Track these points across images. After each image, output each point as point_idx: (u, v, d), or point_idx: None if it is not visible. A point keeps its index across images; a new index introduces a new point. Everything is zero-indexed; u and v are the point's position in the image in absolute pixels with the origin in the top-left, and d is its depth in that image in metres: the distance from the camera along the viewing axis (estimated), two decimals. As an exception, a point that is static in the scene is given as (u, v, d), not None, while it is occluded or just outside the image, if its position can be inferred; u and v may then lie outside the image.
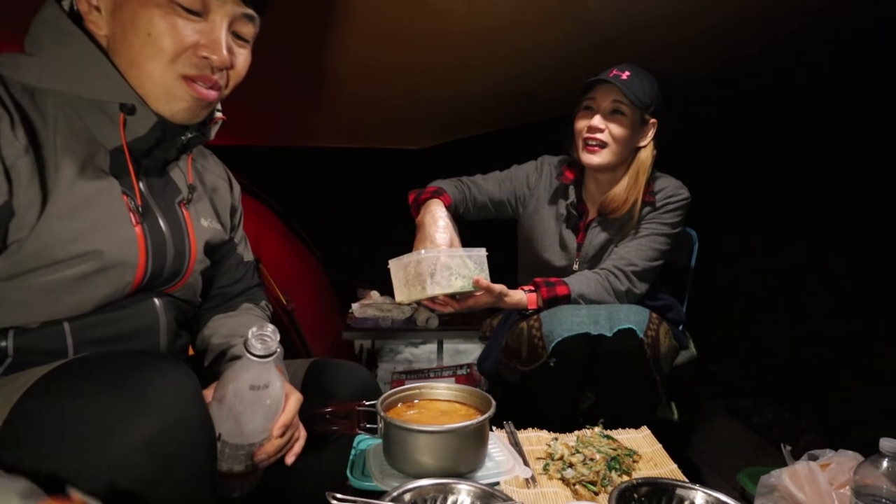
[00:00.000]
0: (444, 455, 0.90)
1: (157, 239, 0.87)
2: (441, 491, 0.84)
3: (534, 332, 1.42)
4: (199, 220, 0.97)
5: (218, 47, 0.81)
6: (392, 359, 2.32)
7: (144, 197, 0.87)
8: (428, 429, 0.90)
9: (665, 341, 1.40)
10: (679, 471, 1.02)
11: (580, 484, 0.95)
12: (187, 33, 0.79)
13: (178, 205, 0.94)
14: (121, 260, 0.81)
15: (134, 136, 0.83)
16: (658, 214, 1.53)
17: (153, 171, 0.91)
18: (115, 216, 0.81)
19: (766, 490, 1.02)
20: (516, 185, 1.66)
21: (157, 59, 0.78)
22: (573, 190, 1.60)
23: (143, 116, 0.81)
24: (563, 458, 1.02)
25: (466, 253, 1.33)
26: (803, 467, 0.98)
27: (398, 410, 1.03)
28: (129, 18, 0.77)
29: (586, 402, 1.57)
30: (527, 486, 0.96)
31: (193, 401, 0.69)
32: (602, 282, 1.48)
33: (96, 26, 0.80)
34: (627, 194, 1.51)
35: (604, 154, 1.48)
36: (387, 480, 0.91)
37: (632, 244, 1.52)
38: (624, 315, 1.37)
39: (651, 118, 1.49)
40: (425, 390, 1.08)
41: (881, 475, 0.79)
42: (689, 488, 0.84)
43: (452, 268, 1.29)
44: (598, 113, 1.48)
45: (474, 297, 1.37)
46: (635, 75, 1.45)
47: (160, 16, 0.77)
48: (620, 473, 0.98)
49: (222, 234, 1.04)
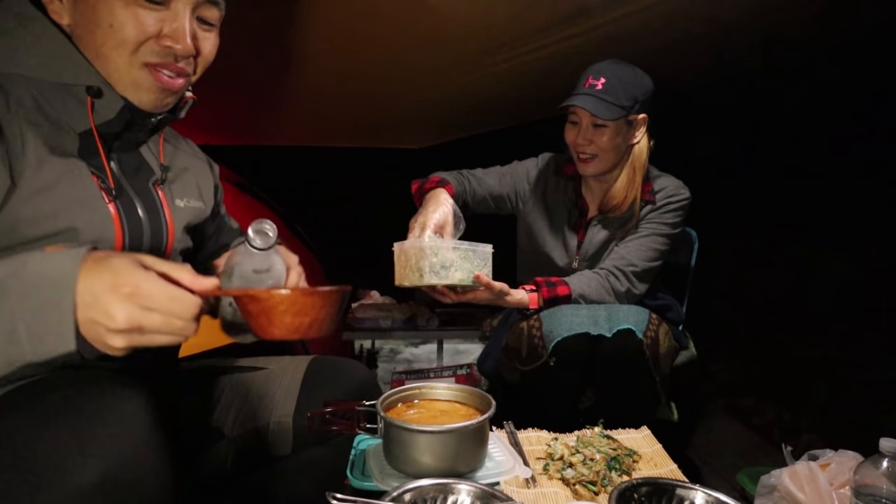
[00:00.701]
0: (444, 455, 0.90)
1: (132, 218, 0.87)
2: (441, 491, 0.84)
3: (534, 331, 1.42)
4: (175, 200, 0.96)
5: (181, 36, 0.81)
6: (392, 359, 2.32)
7: (116, 178, 0.86)
8: (428, 429, 0.90)
9: (665, 342, 1.40)
10: (679, 471, 1.02)
11: (580, 484, 0.95)
12: (149, 23, 0.78)
13: (152, 185, 0.93)
14: (96, 238, 0.81)
15: (102, 119, 0.83)
16: (659, 214, 1.53)
17: (124, 152, 0.91)
18: (87, 195, 0.81)
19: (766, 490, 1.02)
20: (516, 180, 1.66)
21: (120, 49, 0.79)
22: (573, 187, 1.61)
23: (110, 100, 0.82)
24: (563, 458, 1.02)
25: (471, 247, 1.32)
26: (803, 467, 0.98)
27: (398, 410, 1.03)
28: (91, 9, 0.77)
29: (586, 402, 1.57)
30: (527, 486, 0.96)
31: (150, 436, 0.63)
32: (602, 282, 1.48)
33: (58, 15, 0.80)
34: (626, 192, 1.51)
35: (596, 164, 1.49)
36: (387, 480, 0.91)
37: (632, 244, 1.52)
38: (623, 315, 1.37)
39: (638, 115, 1.48)
40: (425, 390, 1.08)
41: (881, 475, 0.79)
42: (689, 488, 0.84)
43: (454, 260, 1.28)
44: (581, 126, 1.47)
45: (474, 292, 1.37)
46: (612, 79, 1.42)
47: (121, 6, 0.77)
48: (620, 473, 0.98)
49: (202, 212, 1.03)
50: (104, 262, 0.60)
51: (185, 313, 0.61)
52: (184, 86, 0.87)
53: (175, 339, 0.63)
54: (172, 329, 0.62)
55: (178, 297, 0.61)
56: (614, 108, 1.41)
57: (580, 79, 1.47)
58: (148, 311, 0.60)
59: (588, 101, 1.41)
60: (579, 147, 1.48)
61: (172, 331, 0.62)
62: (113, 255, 0.62)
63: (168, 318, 0.61)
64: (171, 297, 0.61)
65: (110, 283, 0.59)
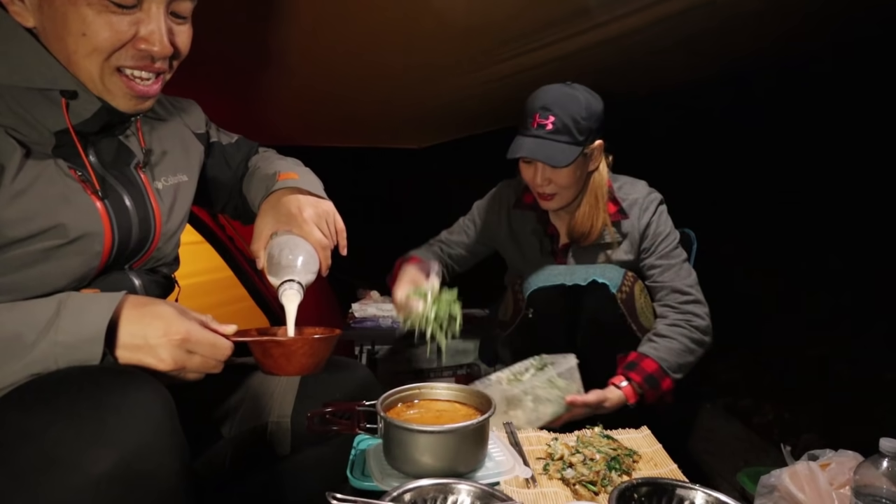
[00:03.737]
0: (444, 455, 0.90)
1: (118, 207, 0.86)
2: (441, 491, 0.84)
3: (516, 288, 1.50)
4: (156, 181, 0.95)
5: (158, 39, 0.78)
6: (392, 359, 2.32)
7: (97, 170, 0.86)
8: (428, 429, 0.90)
9: (640, 297, 1.44)
10: (679, 471, 1.02)
11: (580, 484, 0.95)
12: (123, 28, 0.75)
13: (134, 169, 0.92)
14: (85, 230, 0.81)
15: (79, 118, 0.80)
16: (653, 236, 1.49)
17: (101, 143, 0.89)
18: (69, 190, 0.81)
19: (766, 490, 1.02)
20: (479, 224, 1.65)
21: (93, 56, 0.76)
22: (537, 217, 1.56)
23: (86, 101, 0.80)
24: (563, 458, 1.02)
25: (555, 371, 1.24)
26: (803, 467, 0.98)
27: (398, 410, 1.03)
28: (60, 17, 0.73)
29: None
30: (527, 486, 0.96)
31: (160, 424, 0.65)
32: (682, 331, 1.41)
33: (22, 17, 0.76)
34: (592, 221, 1.47)
35: (557, 200, 1.45)
36: (387, 480, 0.91)
37: (666, 275, 1.47)
38: (599, 271, 1.41)
39: (594, 144, 1.43)
40: (425, 390, 1.08)
41: (881, 475, 0.79)
42: (689, 488, 0.84)
43: (540, 396, 1.21)
44: (537, 167, 1.40)
45: (570, 413, 1.28)
46: (561, 115, 1.34)
47: (93, 14, 0.73)
48: (620, 473, 0.98)
49: (189, 185, 1.02)
50: (150, 310, 0.73)
51: (220, 356, 0.78)
52: (160, 88, 0.85)
53: (201, 376, 0.78)
54: (207, 368, 0.77)
55: (217, 343, 0.77)
56: (568, 149, 1.34)
57: (525, 113, 1.39)
58: (192, 354, 0.74)
59: (540, 148, 1.34)
60: (538, 187, 1.43)
61: (206, 370, 0.77)
62: (156, 303, 0.74)
63: (206, 360, 0.76)
64: (212, 343, 0.76)
65: (164, 330, 0.71)
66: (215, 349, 0.76)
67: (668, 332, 1.40)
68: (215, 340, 0.76)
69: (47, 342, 0.66)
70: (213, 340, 0.76)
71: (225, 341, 0.78)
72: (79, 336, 0.67)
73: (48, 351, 0.66)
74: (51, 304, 0.69)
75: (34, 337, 0.66)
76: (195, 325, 0.75)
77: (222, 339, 0.77)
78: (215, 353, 0.76)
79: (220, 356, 0.77)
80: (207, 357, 0.76)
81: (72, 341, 0.67)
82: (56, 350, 0.66)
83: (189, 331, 0.73)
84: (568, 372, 1.27)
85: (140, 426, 0.62)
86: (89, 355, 0.67)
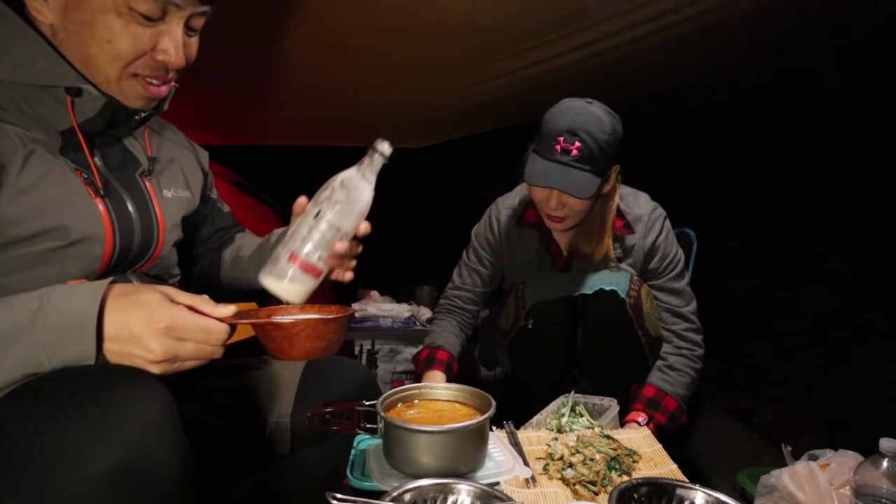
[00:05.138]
0: (444, 455, 0.90)
1: (121, 212, 0.87)
2: (441, 491, 0.84)
3: (518, 296, 1.46)
4: (163, 191, 0.97)
5: (176, 51, 0.82)
6: (392, 359, 2.32)
7: (102, 173, 0.87)
8: (428, 429, 0.90)
9: (647, 302, 1.41)
10: (679, 471, 1.02)
11: (580, 484, 0.95)
12: (145, 40, 0.79)
13: (139, 177, 0.93)
14: (86, 233, 0.81)
15: (84, 116, 0.83)
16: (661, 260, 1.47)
17: (108, 146, 0.91)
18: (73, 192, 0.81)
19: (766, 490, 1.02)
20: (487, 253, 1.61)
21: (115, 63, 0.79)
22: (538, 235, 1.53)
23: (91, 98, 0.81)
24: (563, 458, 1.02)
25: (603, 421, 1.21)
26: (803, 467, 0.98)
27: (398, 410, 1.03)
28: (87, 22, 0.76)
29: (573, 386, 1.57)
30: (527, 486, 0.96)
31: (161, 424, 0.64)
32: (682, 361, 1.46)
33: (41, 14, 0.78)
34: (596, 243, 1.43)
35: (567, 222, 1.39)
36: (387, 480, 0.91)
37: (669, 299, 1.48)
38: (606, 279, 1.38)
39: (611, 168, 1.37)
40: (425, 390, 1.08)
41: (881, 475, 0.79)
42: (689, 488, 0.84)
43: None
44: (552, 192, 1.31)
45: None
46: (588, 142, 1.24)
47: (120, 24, 0.77)
48: (620, 473, 0.98)
49: (190, 202, 1.04)
50: (133, 298, 0.67)
51: (215, 341, 0.70)
52: (168, 90, 0.88)
53: (204, 362, 0.72)
54: (203, 355, 0.71)
55: (209, 326, 0.70)
56: (592, 178, 1.27)
57: (547, 133, 1.28)
58: (182, 341, 0.68)
59: (566, 178, 1.25)
60: (550, 210, 1.36)
61: (203, 356, 0.71)
62: (140, 290, 0.68)
63: (200, 346, 0.69)
64: (203, 327, 0.69)
65: (146, 319, 0.66)
66: (207, 334, 0.69)
67: (678, 363, 1.46)
68: (206, 324, 0.69)
69: (34, 335, 0.63)
70: (204, 325, 0.69)
71: (218, 324, 0.70)
72: (66, 327, 0.64)
73: (36, 344, 0.63)
74: (32, 299, 0.65)
75: (15, 333, 0.63)
76: (182, 310, 0.68)
77: (214, 323, 0.70)
78: (208, 337, 0.69)
79: (215, 341, 0.70)
80: (201, 343, 0.69)
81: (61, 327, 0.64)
82: (45, 340, 0.63)
83: (174, 317, 0.66)
84: (609, 414, 1.27)
85: (141, 426, 0.61)
86: (80, 348, 0.64)
